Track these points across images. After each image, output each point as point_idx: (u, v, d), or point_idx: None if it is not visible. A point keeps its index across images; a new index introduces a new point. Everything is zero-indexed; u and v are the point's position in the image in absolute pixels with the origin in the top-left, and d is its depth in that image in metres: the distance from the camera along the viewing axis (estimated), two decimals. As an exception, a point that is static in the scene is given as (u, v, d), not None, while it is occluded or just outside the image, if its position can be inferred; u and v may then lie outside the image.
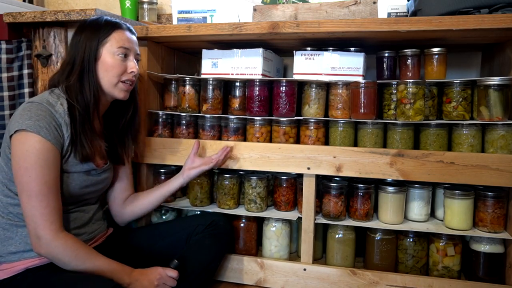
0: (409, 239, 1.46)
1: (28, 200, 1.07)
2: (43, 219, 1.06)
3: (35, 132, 1.07)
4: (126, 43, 1.21)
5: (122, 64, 1.21)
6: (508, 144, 1.34)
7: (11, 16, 1.55)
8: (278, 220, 1.56)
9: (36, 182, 1.06)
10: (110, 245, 1.31)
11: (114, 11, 2.12)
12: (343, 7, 1.56)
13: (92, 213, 1.28)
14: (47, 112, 1.11)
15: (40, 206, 1.06)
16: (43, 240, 1.06)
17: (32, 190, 1.06)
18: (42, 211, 1.06)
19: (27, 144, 1.07)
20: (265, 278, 1.52)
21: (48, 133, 1.09)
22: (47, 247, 1.07)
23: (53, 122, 1.11)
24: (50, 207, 1.07)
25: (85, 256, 1.09)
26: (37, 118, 1.08)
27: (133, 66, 1.23)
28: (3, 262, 1.12)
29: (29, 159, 1.06)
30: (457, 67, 1.72)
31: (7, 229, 1.13)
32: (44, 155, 1.08)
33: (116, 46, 1.19)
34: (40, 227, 1.06)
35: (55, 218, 1.08)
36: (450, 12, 1.34)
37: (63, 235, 1.09)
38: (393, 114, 1.47)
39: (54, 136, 1.10)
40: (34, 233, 1.07)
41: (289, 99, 1.52)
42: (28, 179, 1.06)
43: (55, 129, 1.11)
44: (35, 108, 1.10)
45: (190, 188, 1.62)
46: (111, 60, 1.19)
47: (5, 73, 1.56)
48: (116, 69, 1.19)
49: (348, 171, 1.42)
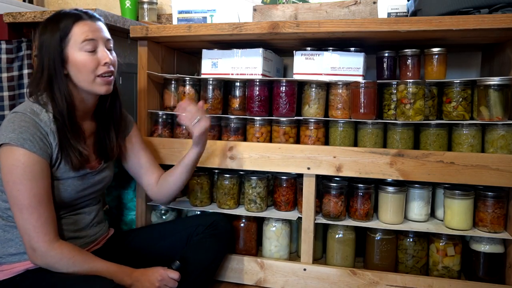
0: (409, 239, 1.46)
1: (19, 213, 1.05)
2: (36, 232, 1.05)
3: (19, 146, 1.04)
4: (90, 34, 1.10)
5: (93, 58, 1.11)
6: (508, 144, 1.34)
7: (11, 16, 1.55)
8: (278, 220, 1.56)
9: (25, 196, 1.04)
10: (110, 246, 1.31)
11: (114, 11, 2.12)
12: (343, 7, 1.56)
13: (93, 215, 1.27)
14: (31, 123, 1.07)
15: (32, 218, 1.05)
16: (38, 252, 1.06)
17: (22, 204, 1.04)
18: (34, 224, 1.05)
19: (12, 158, 1.04)
20: (265, 278, 1.52)
21: (33, 145, 1.05)
22: (42, 258, 1.06)
23: (37, 133, 1.07)
24: (42, 218, 1.06)
25: (82, 262, 1.08)
26: (20, 131, 1.05)
27: (106, 56, 1.13)
28: (3, 263, 1.12)
29: (15, 173, 1.04)
30: (457, 67, 1.72)
31: (7, 230, 1.13)
32: (30, 168, 1.05)
33: (80, 41, 1.09)
34: (34, 239, 1.05)
35: (48, 229, 1.07)
36: (450, 12, 1.34)
37: (57, 245, 1.07)
38: (393, 114, 1.47)
39: (40, 147, 1.06)
40: (29, 245, 1.06)
41: (289, 99, 1.52)
42: (17, 193, 1.05)
43: (40, 139, 1.07)
44: (18, 119, 1.06)
45: (190, 188, 1.62)
46: (80, 58, 1.10)
47: (5, 73, 1.56)
48: (87, 66, 1.10)
49: (348, 171, 1.42)
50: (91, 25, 1.13)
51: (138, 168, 1.38)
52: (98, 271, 1.08)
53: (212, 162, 1.53)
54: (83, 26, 1.11)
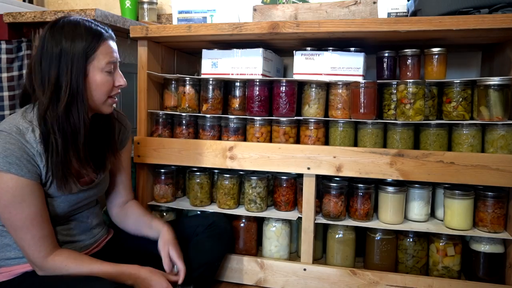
0: (409, 239, 1.46)
1: (14, 233, 1.06)
2: (31, 249, 1.05)
3: (5, 171, 1.00)
4: (113, 57, 1.10)
5: (110, 79, 1.10)
6: (508, 144, 1.34)
7: (11, 16, 1.55)
8: (278, 220, 1.56)
9: (17, 218, 1.03)
10: (110, 248, 1.31)
11: (114, 11, 2.12)
12: (343, 7, 1.56)
13: (91, 218, 1.26)
14: (16, 145, 1.01)
15: (25, 238, 1.05)
16: (36, 265, 1.08)
17: (15, 225, 1.04)
18: (29, 242, 1.05)
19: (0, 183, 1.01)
20: (265, 278, 1.52)
21: (19, 168, 1.01)
22: (40, 270, 1.08)
23: (24, 155, 1.02)
24: (36, 237, 1.05)
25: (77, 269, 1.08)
26: (5, 154, 1.00)
27: (120, 80, 1.12)
28: (1, 266, 1.11)
29: (5, 198, 1.02)
30: (457, 67, 1.72)
31: (4, 236, 1.12)
32: (20, 192, 1.02)
33: (104, 62, 1.07)
34: (30, 255, 1.06)
35: (43, 246, 1.06)
36: (450, 12, 1.34)
37: (51, 258, 1.07)
38: (393, 114, 1.47)
39: (28, 169, 1.02)
40: (27, 258, 1.09)
41: (289, 99, 1.52)
42: (9, 216, 1.04)
43: (27, 161, 1.02)
44: (3, 140, 1.01)
45: (190, 188, 1.62)
46: (99, 78, 1.08)
47: (5, 73, 1.56)
48: (105, 87, 1.09)
49: (348, 171, 1.42)
50: (113, 46, 1.12)
51: (112, 184, 1.34)
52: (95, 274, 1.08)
53: (212, 162, 1.53)
54: (107, 46, 1.09)
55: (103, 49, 1.08)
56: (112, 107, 1.15)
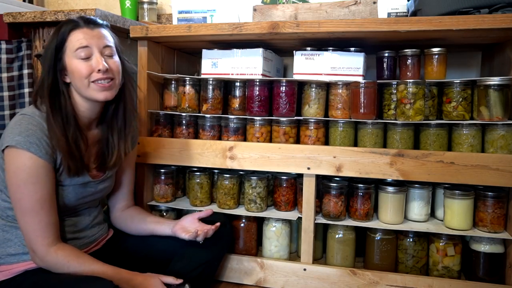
0: (409, 239, 1.46)
1: (21, 216, 1.06)
2: (35, 235, 1.06)
3: (25, 149, 1.03)
4: (84, 42, 1.10)
5: (86, 65, 1.10)
6: (508, 144, 1.34)
7: (11, 16, 1.55)
8: (278, 220, 1.56)
9: (28, 199, 1.04)
10: (110, 248, 1.31)
11: (114, 11, 2.12)
12: (343, 7, 1.56)
13: (93, 216, 1.28)
14: (38, 126, 1.07)
15: (33, 222, 1.05)
16: (38, 254, 1.07)
17: (25, 207, 1.05)
18: (35, 227, 1.05)
19: (17, 161, 1.04)
20: (265, 278, 1.52)
21: (38, 149, 1.05)
22: (41, 261, 1.08)
23: (44, 137, 1.07)
24: (43, 223, 1.06)
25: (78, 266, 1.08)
26: (27, 134, 1.04)
27: (98, 63, 1.10)
28: (2, 263, 1.12)
29: (20, 177, 1.04)
30: (457, 67, 1.72)
31: (6, 230, 1.13)
32: (35, 172, 1.05)
33: (74, 49, 1.10)
34: (33, 242, 1.06)
35: (48, 233, 1.07)
36: (450, 12, 1.34)
37: (54, 249, 1.07)
38: (393, 114, 1.47)
39: (46, 151, 1.06)
40: (29, 247, 1.08)
41: (289, 99, 1.52)
42: (21, 196, 1.05)
43: (46, 144, 1.07)
44: (26, 122, 1.07)
45: (190, 188, 1.62)
46: (73, 65, 1.10)
47: (5, 73, 1.56)
48: (81, 72, 1.10)
49: (348, 171, 1.42)
50: (87, 33, 1.12)
51: (116, 186, 1.36)
52: (95, 274, 1.08)
53: (212, 162, 1.53)
54: (78, 34, 1.11)
55: (72, 37, 1.11)
56: (103, 92, 1.13)
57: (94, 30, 1.14)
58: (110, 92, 1.14)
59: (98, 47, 1.13)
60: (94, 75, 1.11)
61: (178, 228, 1.30)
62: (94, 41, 1.12)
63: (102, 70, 1.11)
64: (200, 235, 1.25)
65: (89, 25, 1.14)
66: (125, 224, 1.37)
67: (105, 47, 1.14)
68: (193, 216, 1.34)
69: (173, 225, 1.32)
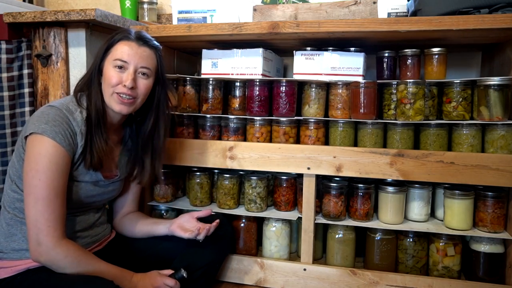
0: (409, 239, 1.46)
1: (34, 204, 1.06)
2: (47, 225, 1.05)
3: (50, 137, 1.07)
4: (125, 56, 1.16)
5: (117, 75, 1.16)
6: (508, 144, 1.34)
7: (11, 16, 1.55)
8: (278, 220, 1.56)
9: (44, 186, 1.06)
10: (112, 248, 1.31)
11: (114, 11, 2.12)
12: (343, 7, 1.56)
13: (97, 216, 1.29)
14: (64, 119, 1.11)
15: (46, 211, 1.05)
16: (44, 247, 1.05)
17: (40, 194, 1.05)
18: (48, 217, 1.05)
19: (41, 147, 1.07)
20: (265, 278, 1.52)
21: (63, 139, 1.09)
22: (47, 254, 1.06)
23: (68, 130, 1.11)
24: (55, 213, 1.07)
25: (86, 263, 1.09)
26: (54, 124, 1.09)
27: (128, 80, 1.15)
28: (5, 258, 1.12)
29: (41, 162, 1.06)
30: (457, 67, 1.72)
31: (11, 225, 1.14)
32: (56, 160, 1.07)
33: (113, 58, 1.16)
34: (43, 232, 1.05)
35: (59, 225, 1.08)
36: (450, 12, 1.34)
37: (64, 242, 1.08)
38: (393, 114, 1.47)
39: (69, 142, 1.10)
40: (35, 239, 1.06)
41: (289, 99, 1.52)
42: (38, 182, 1.06)
43: (70, 136, 1.11)
44: (53, 113, 1.11)
45: (190, 188, 1.62)
46: (107, 71, 1.16)
47: (5, 73, 1.56)
48: (109, 80, 1.15)
49: (348, 171, 1.42)
50: (132, 47, 1.17)
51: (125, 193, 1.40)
52: (100, 273, 1.08)
53: (212, 162, 1.53)
54: (124, 45, 1.17)
55: (118, 47, 1.17)
56: (120, 105, 1.17)
57: (140, 47, 1.19)
58: (126, 108, 1.18)
59: (136, 65, 1.17)
60: (120, 87, 1.16)
61: (175, 226, 1.31)
62: (135, 58, 1.17)
63: (128, 86, 1.15)
64: (202, 233, 1.26)
65: (138, 41, 1.19)
66: (125, 228, 1.39)
67: (142, 67, 1.19)
68: (190, 215, 1.35)
69: (170, 224, 1.33)
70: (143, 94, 1.20)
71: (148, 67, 1.20)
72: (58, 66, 1.57)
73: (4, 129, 1.54)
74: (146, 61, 1.19)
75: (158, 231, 1.34)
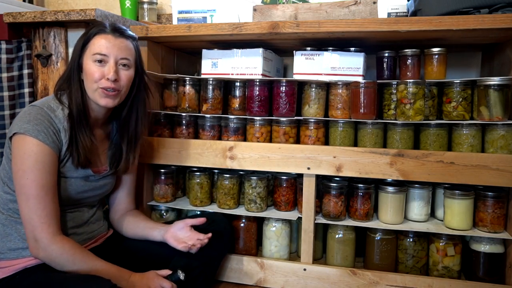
0: (409, 239, 1.46)
1: (26, 202, 1.07)
2: (40, 222, 1.07)
3: (33, 136, 1.08)
4: (103, 49, 1.15)
5: (98, 69, 1.15)
6: (508, 144, 1.34)
7: (11, 16, 1.55)
8: (278, 220, 1.56)
9: (33, 185, 1.07)
10: (109, 246, 1.31)
11: (114, 11, 2.12)
12: (343, 7, 1.55)
13: (91, 213, 1.29)
14: (45, 117, 1.11)
15: (38, 208, 1.07)
16: (41, 244, 1.07)
17: (30, 193, 1.07)
18: (40, 214, 1.07)
19: (25, 147, 1.08)
20: (265, 278, 1.52)
21: (46, 137, 1.09)
22: (44, 250, 1.07)
23: (51, 127, 1.11)
24: (47, 209, 1.08)
25: (83, 260, 1.09)
26: (35, 122, 1.09)
27: (109, 72, 1.15)
28: (2, 258, 1.12)
29: (27, 162, 1.07)
30: (457, 67, 1.72)
31: (6, 225, 1.14)
32: (41, 158, 1.08)
33: (92, 53, 1.15)
34: (38, 229, 1.07)
35: (53, 221, 1.09)
36: (450, 12, 1.34)
37: (60, 238, 1.09)
38: (393, 114, 1.47)
39: (52, 140, 1.11)
40: (32, 236, 1.07)
41: (289, 99, 1.52)
42: (26, 182, 1.07)
43: (53, 133, 1.11)
44: (34, 112, 1.11)
45: (190, 188, 1.62)
46: (88, 67, 1.16)
47: (5, 73, 1.56)
48: (91, 75, 1.15)
49: (348, 171, 1.42)
50: (110, 40, 1.16)
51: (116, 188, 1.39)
52: (97, 271, 1.09)
53: (212, 162, 1.53)
54: (100, 39, 1.16)
55: (95, 41, 1.16)
56: (105, 99, 1.17)
57: (117, 39, 1.18)
58: (112, 100, 1.18)
59: (115, 57, 1.17)
60: (103, 82, 1.15)
61: (169, 236, 1.31)
62: (114, 50, 1.17)
63: (111, 79, 1.15)
64: (194, 248, 1.28)
65: (114, 33, 1.18)
66: (122, 228, 1.38)
67: (122, 58, 1.18)
68: (185, 222, 1.34)
69: (164, 231, 1.33)
70: (126, 85, 1.21)
71: (128, 58, 1.20)
72: (58, 66, 1.57)
73: (4, 129, 1.54)
74: (125, 52, 1.19)
75: (153, 237, 1.34)
